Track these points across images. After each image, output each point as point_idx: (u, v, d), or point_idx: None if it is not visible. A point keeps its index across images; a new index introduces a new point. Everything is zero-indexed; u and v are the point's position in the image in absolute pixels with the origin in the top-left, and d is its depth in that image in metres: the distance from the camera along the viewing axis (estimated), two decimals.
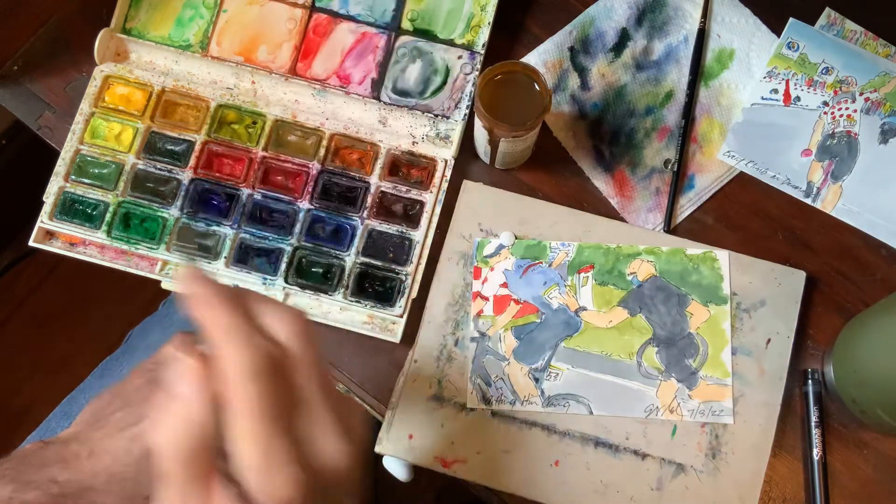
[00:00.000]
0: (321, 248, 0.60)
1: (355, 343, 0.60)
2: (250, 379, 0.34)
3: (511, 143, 0.57)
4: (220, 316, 0.36)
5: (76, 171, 0.61)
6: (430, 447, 0.57)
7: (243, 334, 0.35)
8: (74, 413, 0.66)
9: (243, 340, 0.35)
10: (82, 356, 1.14)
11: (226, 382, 0.34)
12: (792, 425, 0.58)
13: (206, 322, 0.36)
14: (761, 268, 0.60)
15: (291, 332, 0.36)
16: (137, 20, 0.64)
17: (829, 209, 0.62)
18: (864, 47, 0.64)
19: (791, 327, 0.59)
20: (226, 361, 0.34)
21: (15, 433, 0.57)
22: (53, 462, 0.54)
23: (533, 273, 0.60)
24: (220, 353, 0.35)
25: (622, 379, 0.58)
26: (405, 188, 0.61)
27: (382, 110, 0.62)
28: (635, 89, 0.64)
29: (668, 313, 0.59)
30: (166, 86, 0.63)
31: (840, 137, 0.63)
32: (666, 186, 0.62)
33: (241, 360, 0.34)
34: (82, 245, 0.61)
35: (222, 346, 0.35)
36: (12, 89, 0.64)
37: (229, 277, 0.60)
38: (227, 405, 0.34)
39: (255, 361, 0.34)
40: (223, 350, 0.35)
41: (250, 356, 0.34)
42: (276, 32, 0.64)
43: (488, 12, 0.63)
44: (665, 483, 0.56)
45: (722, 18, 0.65)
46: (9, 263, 1.25)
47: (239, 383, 0.34)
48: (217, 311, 0.36)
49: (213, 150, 0.62)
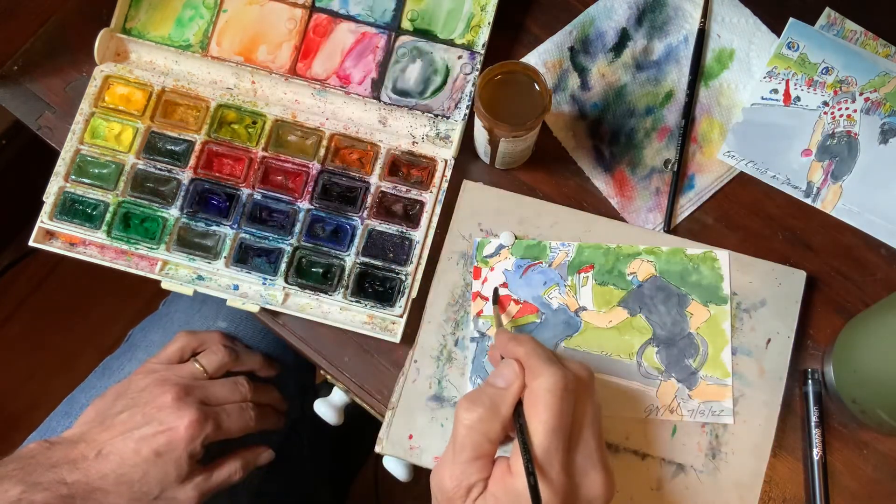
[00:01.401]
0: (321, 248, 0.60)
1: (355, 343, 0.60)
2: (554, 395, 0.43)
3: (511, 143, 0.57)
4: (535, 349, 0.46)
5: (76, 171, 0.61)
6: (430, 447, 0.57)
7: (556, 362, 0.45)
8: (75, 413, 0.66)
9: (556, 366, 0.45)
10: (82, 356, 1.15)
11: (534, 395, 0.44)
12: (792, 425, 0.58)
13: (521, 354, 0.46)
14: (761, 268, 0.60)
15: (583, 369, 0.47)
16: (137, 20, 0.64)
17: (829, 209, 0.62)
18: (864, 47, 0.64)
19: (791, 327, 0.59)
20: (540, 379, 0.44)
21: (15, 433, 0.57)
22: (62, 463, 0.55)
23: (533, 273, 0.60)
24: (536, 373, 0.45)
25: (622, 379, 0.58)
26: (405, 188, 0.61)
27: (382, 110, 0.62)
28: (635, 89, 0.64)
29: (668, 313, 0.59)
30: (166, 86, 0.63)
31: (840, 137, 0.63)
32: (666, 186, 0.63)
33: (553, 378, 0.44)
34: (82, 245, 0.61)
35: (539, 368, 0.45)
36: (12, 89, 0.64)
37: (229, 277, 0.60)
38: (531, 413, 0.44)
39: (562, 382, 0.44)
40: (540, 370, 0.44)
41: (561, 377, 0.44)
42: (276, 32, 0.64)
43: (488, 12, 0.63)
44: (665, 483, 0.56)
45: (722, 18, 0.65)
46: (9, 263, 1.25)
47: (544, 396, 0.43)
48: (532, 346, 0.47)
49: (213, 150, 0.62)
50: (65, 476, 0.54)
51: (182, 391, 0.57)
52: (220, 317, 0.69)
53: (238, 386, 0.62)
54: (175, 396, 0.57)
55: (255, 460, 0.63)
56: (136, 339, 0.71)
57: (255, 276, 0.59)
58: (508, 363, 0.46)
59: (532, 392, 0.44)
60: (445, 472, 0.44)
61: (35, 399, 1.19)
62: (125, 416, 0.57)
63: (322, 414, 0.65)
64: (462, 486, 0.43)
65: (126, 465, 0.55)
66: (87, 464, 0.54)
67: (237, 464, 0.61)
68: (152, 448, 0.55)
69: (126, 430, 0.56)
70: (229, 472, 0.61)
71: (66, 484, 0.54)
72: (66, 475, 0.54)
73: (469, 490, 0.43)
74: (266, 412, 0.64)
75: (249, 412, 0.61)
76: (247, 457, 0.62)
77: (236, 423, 0.60)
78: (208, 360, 0.62)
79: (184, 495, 0.57)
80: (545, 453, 0.43)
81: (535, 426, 0.43)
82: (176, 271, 0.60)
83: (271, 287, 0.59)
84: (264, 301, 0.59)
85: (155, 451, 0.55)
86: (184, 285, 0.59)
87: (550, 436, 0.43)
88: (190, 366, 0.62)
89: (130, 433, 0.56)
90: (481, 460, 0.44)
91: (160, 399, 0.57)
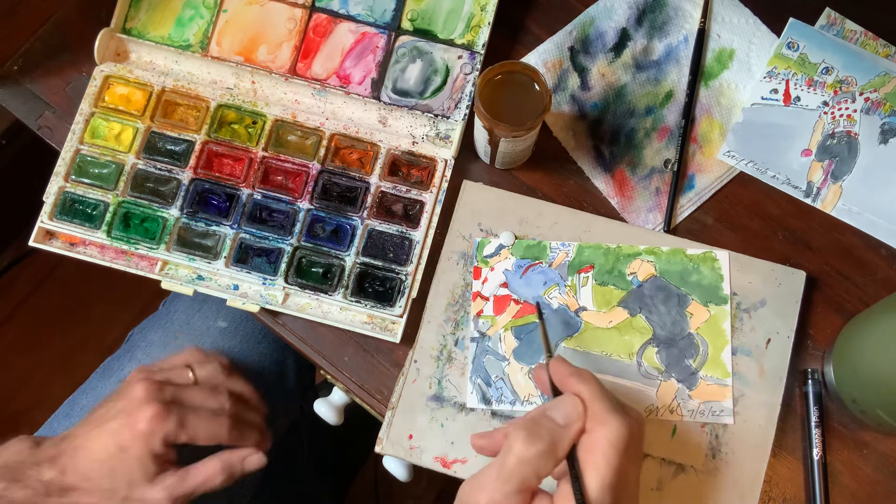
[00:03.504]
0: (321, 248, 0.60)
1: (355, 343, 0.60)
2: (616, 450, 0.42)
3: (511, 143, 0.57)
4: (601, 393, 0.44)
5: (76, 171, 0.61)
6: (430, 447, 0.57)
7: (621, 412, 0.43)
8: (76, 414, 0.66)
9: (622, 417, 0.43)
10: (82, 356, 1.15)
11: (594, 444, 0.42)
12: (792, 425, 0.58)
13: (585, 394, 0.44)
14: (761, 268, 0.60)
15: (640, 418, 0.45)
16: (137, 20, 0.64)
17: (829, 209, 0.62)
18: (864, 47, 0.64)
19: (791, 327, 0.59)
20: (604, 430, 0.42)
21: (15, 433, 0.57)
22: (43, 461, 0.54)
23: (533, 273, 0.60)
24: (600, 421, 0.43)
25: (622, 379, 0.58)
26: (405, 188, 0.61)
27: (382, 110, 0.62)
28: (635, 89, 0.64)
29: (668, 313, 0.59)
30: (166, 86, 0.63)
31: (840, 137, 0.63)
32: (666, 186, 0.63)
33: (619, 432, 0.42)
34: (82, 245, 0.61)
35: (604, 417, 0.43)
36: (12, 89, 0.65)
37: (229, 277, 0.60)
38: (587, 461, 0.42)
39: (627, 437, 0.42)
40: (605, 419, 0.43)
41: (627, 431, 0.42)
42: (276, 32, 0.64)
43: (488, 12, 0.63)
44: (665, 483, 0.56)
45: (722, 18, 0.65)
46: (9, 263, 1.25)
47: (606, 449, 0.42)
48: (597, 388, 0.45)
49: (213, 150, 0.62)
50: (43, 473, 0.53)
51: (154, 387, 0.54)
52: (220, 316, 0.69)
53: (217, 395, 0.57)
54: (144, 390, 0.54)
55: (240, 465, 0.57)
56: (136, 339, 0.71)
57: (255, 276, 0.59)
58: (572, 400, 0.44)
59: (593, 441, 0.42)
60: (483, 494, 0.42)
61: (35, 399, 1.19)
62: (103, 409, 0.55)
63: (322, 414, 0.65)
64: None
65: (95, 461, 0.53)
66: (63, 460, 0.53)
67: (216, 467, 0.55)
68: (117, 442, 0.52)
69: (99, 423, 0.54)
70: (206, 475, 0.55)
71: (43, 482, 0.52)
72: (45, 472, 0.53)
73: None
74: (247, 429, 0.59)
75: (223, 421, 0.56)
76: (229, 460, 0.56)
77: (204, 428, 0.55)
78: (199, 369, 0.59)
79: (152, 496, 0.53)
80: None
81: (592, 478, 0.41)
82: (176, 271, 0.60)
83: (271, 287, 0.59)
84: (264, 301, 0.59)
85: (119, 446, 0.52)
86: (184, 285, 0.59)
87: (607, 492, 0.41)
88: (179, 369, 0.59)
89: (102, 427, 0.54)
90: (524, 494, 0.42)
91: (132, 393, 0.54)
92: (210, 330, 0.68)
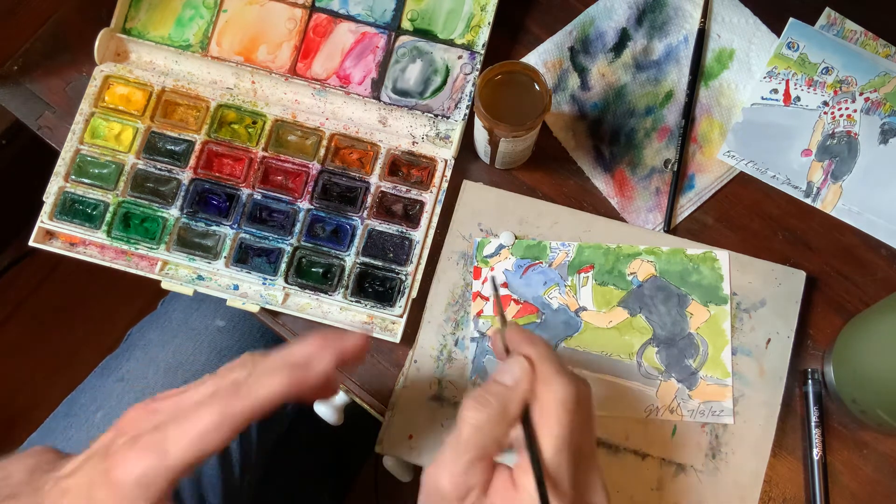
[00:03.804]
0: (321, 248, 0.60)
1: None
2: (565, 408, 0.42)
3: (511, 143, 0.57)
4: (549, 354, 0.44)
5: (76, 171, 0.61)
6: (430, 447, 0.57)
7: (569, 373, 0.44)
8: (75, 413, 0.66)
9: (569, 377, 0.43)
10: (82, 356, 1.15)
11: (544, 407, 0.42)
12: (792, 425, 0.58)
13: (533, 355, 0.44)
14: (761, 268, 0.60)
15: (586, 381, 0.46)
16: (137, 20, 0.64)
17: (829, 209, 0.62)
18: (864, 47, 0.64)
19: (791, 327, 0.59)
20: (553, 390, 0.43)
21: (15, 433, 0.57)
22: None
23: (533, 273, 0.60)
24: (548, 382, 0.43)
25: (622, 379, 0.58)
26: (405, 188, 0.61)
27: (382, 110, 0.62)
28: (635, 89, 0.64)
29: (668, 313, 0.59)
30: (166, 86, 0.63)
31: (840, 137, 0.63)
32: (666, 186, 0.63)
33: (567, 390, 0.42)
34: (82, 245, 0.61)
35: (552, 377, 0.43)
36: (12, 89, 0.65)
37: (229, 277, 0.60)
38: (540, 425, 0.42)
39: (575, 396, 0.43)
40: (552, 379, 0.43)
41: (575, 390, 0.43)
42: (276, 32, 0.64)
43: (488, 12, 0.63)
44: (665, 483, 0.56)
45: (722, 18, 0.65)
46: (9, 263, 1.25)
47: (556, 409, 0.42)
48: (546, 350, 0.45)
49: (213, 150, 0.62)
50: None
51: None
52: (219, 316, 0.69)
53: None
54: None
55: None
56: (135, 338, 0.71)
57: (255, 276, 0.59)
58: (518, 360, 0.45)
59: (543, 402, 0.43)
60: (444, 471, 0.42)
61: (35, 399, 1.19)
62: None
63: (322, 414, 0.65)
64: (460, 488, 0.42)
65: None
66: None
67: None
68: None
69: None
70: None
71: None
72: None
73: (467, 492, 0.42)
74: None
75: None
76: None
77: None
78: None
79: None
80: (556, 469, 0.41)
81: (546, 440, 0.42)
82: (176, 271, 0.60)
83: (271, 287, 0.59)
84: (264, 301, 0.59)
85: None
86: (184, 285, 0.59)
87: (562, 451, 0.41)
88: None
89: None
90: (483, 462, 0.42)
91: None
92: (208, 329, 0.68)
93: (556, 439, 0.42)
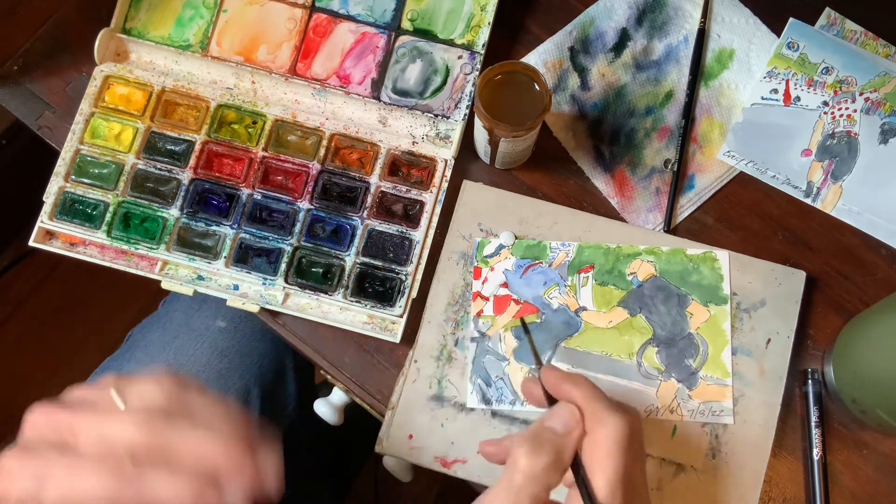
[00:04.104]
0: (321, 248, 0.60)
1: (355, 343, 0.60)
2: (619, 447, 0.41)
3: (511, 143, 0.57)
4: (595, 393, 0.44)
5: (76, 171, 0.61)
6: (430, 447, 0.57)
7: (617, 409, 0.43)
8: None
9: (619, 414, 0.42)
10: (82, 356, 1.15)
11: (596, 445, 0.42)
12: (792, 425, 0.58)
13: (578, 397, 0.44)
14: (761, 268, 0.60)
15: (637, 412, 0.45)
16: (137, 20, 0.64)
17: (829, 209, 0.62)
18: (864, 47, 0.64)
19: (791, 327, 0.59)
20: (605, 429, 0.42)
21: (15, 433, 0.57)
22: None
23: (533, 273, 0.60)
24: (599, 420, 0.42)
25: (622, 379, 0.58)
26: (405, 188, 0.61)
27: (382, 110, 0.62)
28: (635, 89, 0.64)
29: (668, 313, 0.59)
30: (166, 86, 0.63)
31: (840, 137, 0.63)
32: (666, 186, 0.63)
33: (618, 428, 0.42)
34: (82, 245, 0.61)
35: (602, 415, 0.42)
36: (12, 89, 0.64)
37: (229, 277, 0.60)
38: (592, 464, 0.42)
39: (628, 432, 0.42)
40: (603, 418, 0.42)
41: (627, 426, 0.42)
42: (276, 32, 0.64)
43: (488, 12, 0.63)
44: (665, 483, 0.56)
45: (722, 18, 0.65)
46: (9, 263, 1.25)
47: (609, 448, 0.41)
48: (591, 389, 0.44)
49: (213, 150, 0.62)
50: None
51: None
52: (219, 316, 0.69)
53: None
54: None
55: None
56: (136, 339, 0.71)
57: (255, 276, 0.59)
58: (567, 407, 0.44)
59: (594, 441, 0.42)
60: None
61: (35, 399, 1.19)
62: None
63: (322, 414, 0.65)
64: None
65: None
66: None
67: None
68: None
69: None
70: None
71: None
72: None
73: None
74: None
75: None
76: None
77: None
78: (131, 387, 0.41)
79: None
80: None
81: (599, 479, 0.41)
82: (176, 271, 0.60)
83: (271, 287, 0.59)
84: (264, 301, 0.59)
85: None
86: (184, 285, 0.59)
87: (616, 492, 0.41)
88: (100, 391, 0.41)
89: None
90: None
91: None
92: (209, 329, 0.68)
93: (610, 480, 0.41)
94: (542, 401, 0.47)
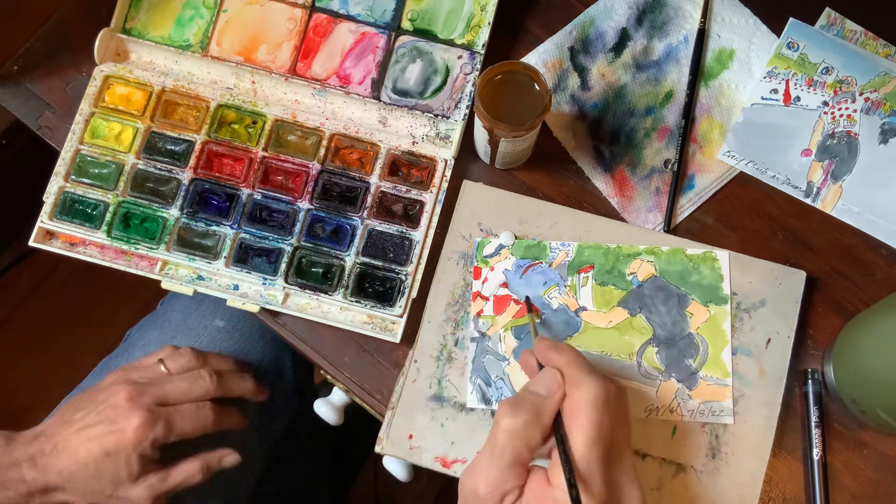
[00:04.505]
0: (321, 248, 0.60)
1: (355, 343, 0.60)
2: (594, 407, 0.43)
3: (511, 143, 0.57)
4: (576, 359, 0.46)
5: (76, 171, 0.61)
6: (430, 447, 0.57)
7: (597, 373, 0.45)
8: None
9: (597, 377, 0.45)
10: (82, 356, 1.14)
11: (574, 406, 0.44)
12: (792, 425, 0.58)
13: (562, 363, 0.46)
14: (761, 268, 0.60)
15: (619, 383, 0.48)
16: (137, 20, 0.64)
17: (829, 209, 0.62)
18: (864, 47, 0.64)
19: (791, 327, 0.59)
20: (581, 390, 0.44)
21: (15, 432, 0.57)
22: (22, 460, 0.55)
23: (533, 273, 0.60)
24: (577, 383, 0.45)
25: (622, 379, 0.58)
26: (405, 188, 0.61)
27: (382, 110, 0.62)
28: (635, 89, 0.64)
29: (668, 313, 0.59)
30: (166, 86, 0.63)
31: (840, 137, 0.63)
32: (666, 186, 0.63)
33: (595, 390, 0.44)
34: (82, 245, 0.61)
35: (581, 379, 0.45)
36: (12, 89, 0.65)
37: (229, 277, 0.60)
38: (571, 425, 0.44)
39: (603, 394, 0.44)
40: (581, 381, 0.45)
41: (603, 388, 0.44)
42: (276, 32, 0.64)
43: (488, 12, 0.63)
44: (665, 483, 0.56)
45: (722, 18, 0.65)
46: (9, 263, 1.25)
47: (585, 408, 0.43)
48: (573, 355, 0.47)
49: (213, 150, 0.62)
50: (24, 474, 0.54)
51: (136, 391, 0.56)
52: (218, 316, 0.69)
53: (199, 381, 0.59)
54: (127, 396, 0.56)
55: (217, 463, 0.60)
56: (134, 338, 0.71)
57: (255, 276, 0.59)
58: (550, 372, 0.46)
59: (573, 403, 0.44)
60: (480, 476, 0.43)
61: (35, 399, 1.19)
62: (82, 413, 0.56)
63: (322, 414, 0.65)
64: (497, 492, 0.43)
65: (78, 463, 0.54)
66: (43, 459, 0.54)
67: (196, 465, 0.59)
68: (102, 447, 0.54)
69: (80, 427, 0.55)
70: (187, 473, 0.58)
71: (26, 482, 0.54)
72: (26, 472, 0.54)
73: (504, 496, 0.43)
74: (228, 411, 0.61)
75: (207, 411, 0.58)
76: (208, 459, 0.60)
77: (190, 423, 0.57)
78: (173, 361, 0.61)
79: (136, 494, 0.56)
80: (586, 466, 0.42)
81: (577, 438, 0.43)
82: (176, 271, 0.60)
83: (271, 287, 0.59)
84: (264, 301, 0.59)
85: (104, 451, 0.54)
86: (184, 285, 0.59)
87: (592, 448, 0.43)
88: (153, 366, 0.60)
89: (84, 431, 0.55)
90: (519, 467, 0.43)
91: (114, 398, 0.56)
92: (208, 329, 0.68)
93: (586, 437, 0.43)
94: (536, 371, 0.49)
